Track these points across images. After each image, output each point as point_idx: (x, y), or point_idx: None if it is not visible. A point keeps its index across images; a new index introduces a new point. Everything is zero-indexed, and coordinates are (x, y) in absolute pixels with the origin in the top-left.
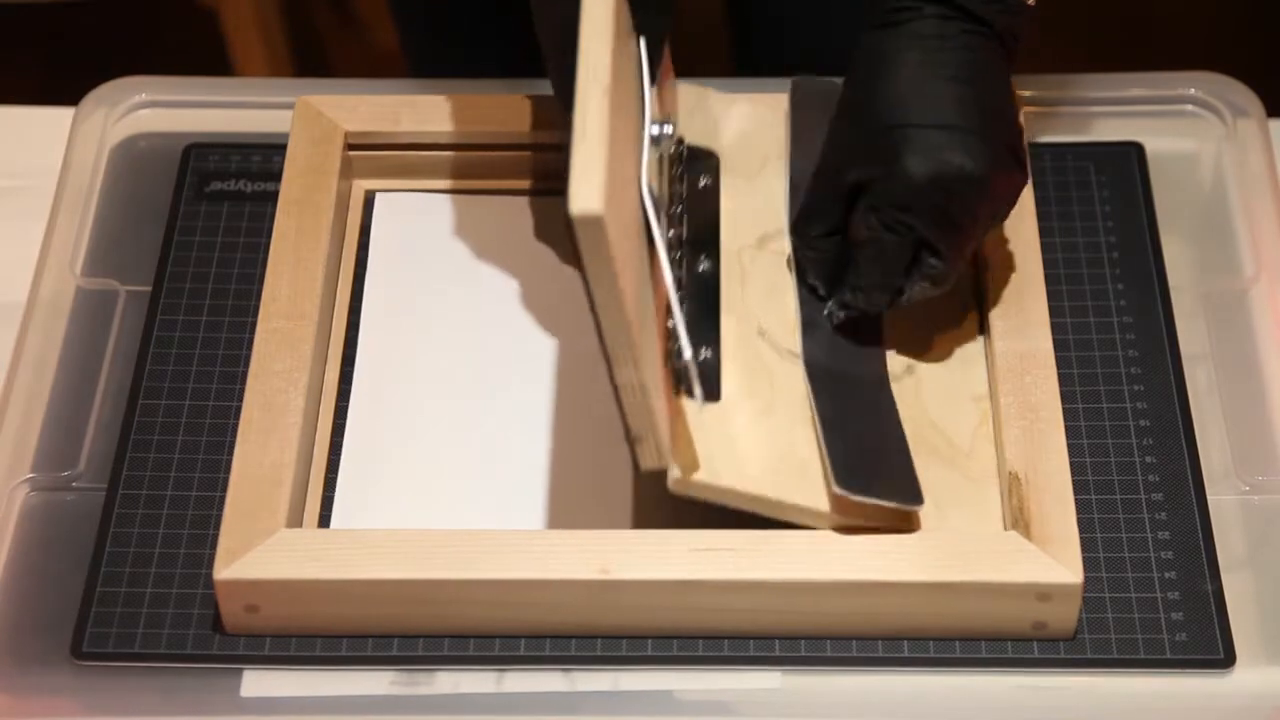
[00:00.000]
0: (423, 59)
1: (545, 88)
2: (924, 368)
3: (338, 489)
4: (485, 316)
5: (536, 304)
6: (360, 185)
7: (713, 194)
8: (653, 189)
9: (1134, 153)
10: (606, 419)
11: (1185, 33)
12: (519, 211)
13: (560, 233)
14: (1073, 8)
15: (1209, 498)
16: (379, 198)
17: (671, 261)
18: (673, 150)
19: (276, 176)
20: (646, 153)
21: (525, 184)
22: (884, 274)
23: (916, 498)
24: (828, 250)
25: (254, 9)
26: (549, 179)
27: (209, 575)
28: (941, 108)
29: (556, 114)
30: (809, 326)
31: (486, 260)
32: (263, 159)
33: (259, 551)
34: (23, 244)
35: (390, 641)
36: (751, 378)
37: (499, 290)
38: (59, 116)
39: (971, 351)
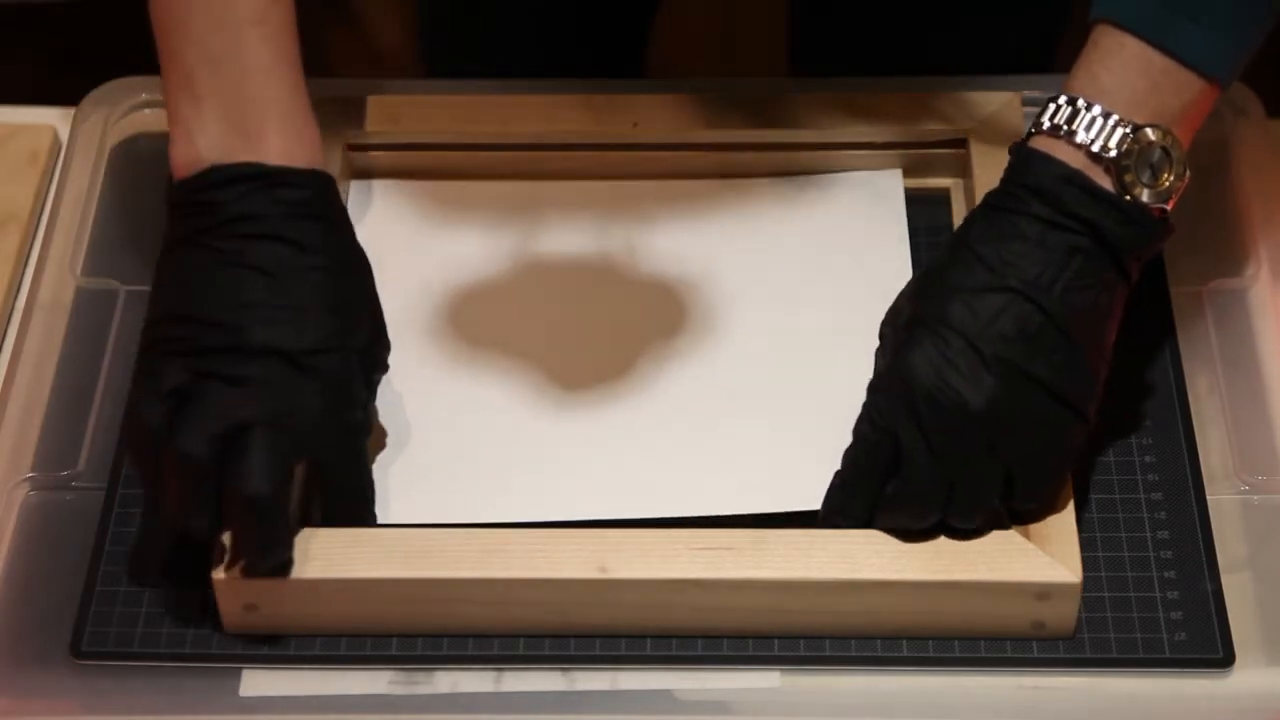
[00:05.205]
0: (435, 57)
1: (547, 88)
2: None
3: None
4: (461, 301)
5: (513, 286)
6: (361, 185)
7: None
8: None
9: None
10: (594, 401)
11: None
12: (496, 196)
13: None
14: (1071, 8)
15: (1209, 498)
16: (353, 185)
17: None
18: None
19: None
20: None
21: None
22: (855, 469)
23: None
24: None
25: None
26: (550, 178)
27: (208, 574)
28: (986, 326)
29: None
30: None
31: (461, 247)
32: None
33: None
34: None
35: (389, 641)
36: None
37: (474, 275)
38: (59, 116)
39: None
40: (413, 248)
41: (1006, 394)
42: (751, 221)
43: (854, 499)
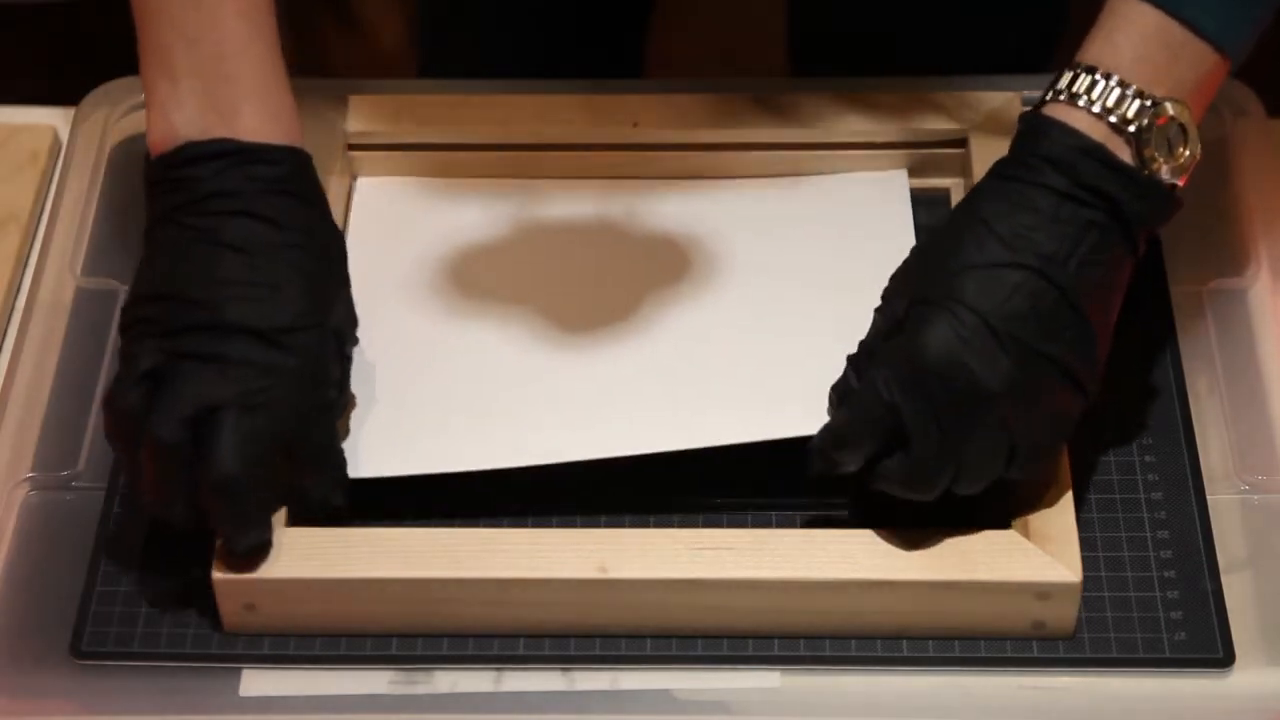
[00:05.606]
0: (435, 57)
1: (547, 88)
2: None
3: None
4: (459, 299)
5: (517, 279)
6: (361, 184)
7: None
8: None
9: None
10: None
11: None
12: (496, 195)
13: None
14: (1071, 8)
15: (1209, 497)
16: (358, 183)
17: None
18: None
19: None
20: None
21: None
22: (852, 436)
23: None
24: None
25: None
26: (549, 177)
27: (208, 574)
28: (1001, 304)
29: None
30: None
31: (460, 246)
32: None
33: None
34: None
35: (389, 641)
36: None
37: (472, 273)
38: (59, 116)
39: None
40: (412, 246)
41: (1021, 374)
42: (752, 221)
43: (848, 459)
